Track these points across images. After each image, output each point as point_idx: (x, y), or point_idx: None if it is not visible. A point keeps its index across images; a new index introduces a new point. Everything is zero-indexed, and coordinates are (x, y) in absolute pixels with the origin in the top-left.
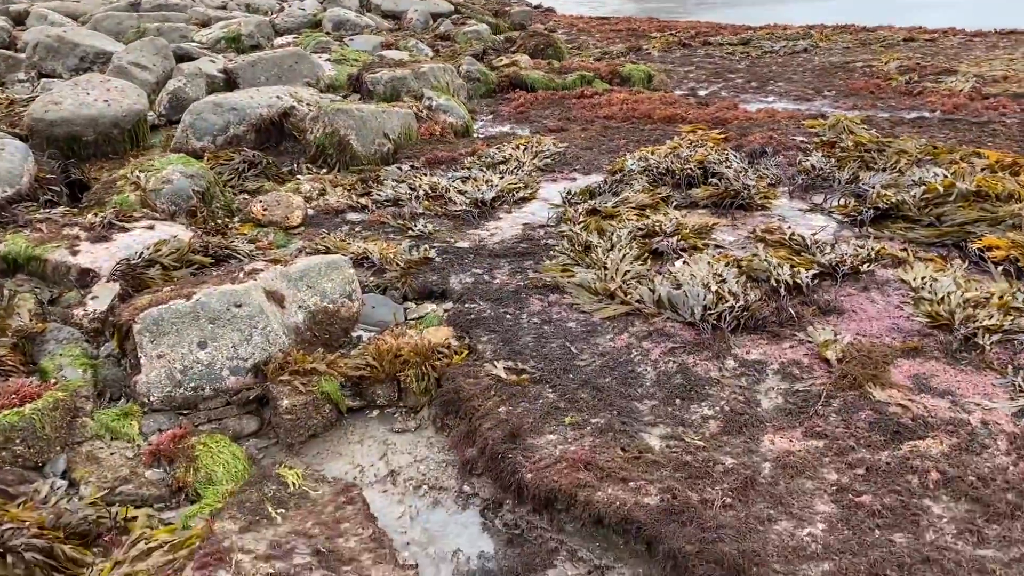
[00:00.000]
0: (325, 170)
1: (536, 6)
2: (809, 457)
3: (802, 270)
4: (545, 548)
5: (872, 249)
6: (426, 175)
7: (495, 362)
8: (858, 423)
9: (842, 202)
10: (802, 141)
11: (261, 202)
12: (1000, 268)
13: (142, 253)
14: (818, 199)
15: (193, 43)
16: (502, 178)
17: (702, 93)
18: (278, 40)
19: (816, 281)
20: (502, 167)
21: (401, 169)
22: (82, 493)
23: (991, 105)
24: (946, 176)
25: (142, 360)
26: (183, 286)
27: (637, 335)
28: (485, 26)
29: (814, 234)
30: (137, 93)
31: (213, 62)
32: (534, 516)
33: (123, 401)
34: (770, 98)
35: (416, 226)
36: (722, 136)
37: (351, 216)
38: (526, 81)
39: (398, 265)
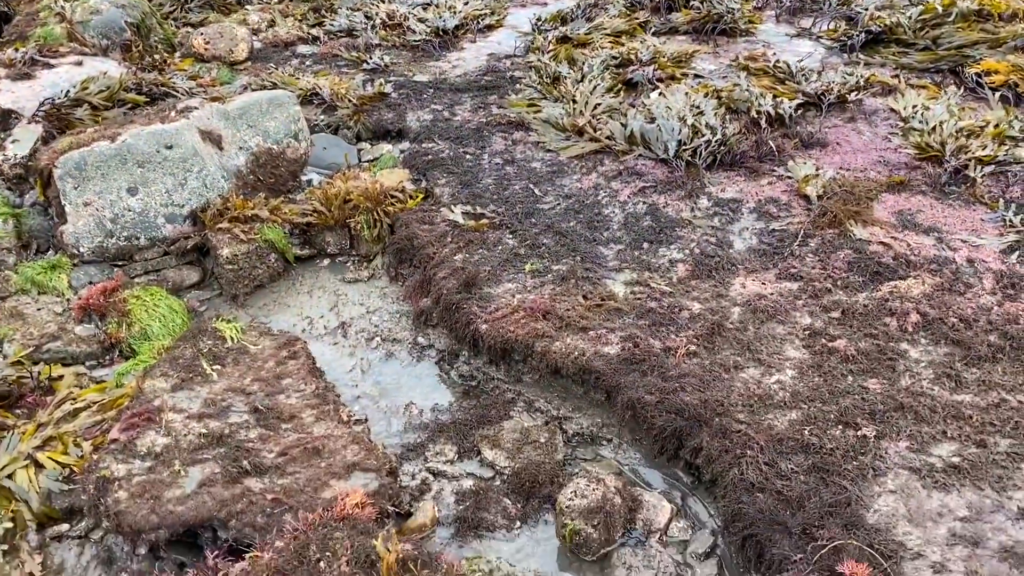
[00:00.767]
0: None
1: None
2: (781, 300)
3: (785, 100)
4: (502, 399)
5: (861, 76)
6: (384, 2)
7: (452, 206)
8: (836, 264)
9: (832, 26)
10: None
11: (203, 35)
12: (998, 95)
13: (68, 92)
14: (806, 23)
15: None
16: (466, 3)
17: None
18: None
19: (800, 112)
20: None
21: None
22: (6, 352)
23: None
24: None
25: (67, 208)
26: (108, 127)
27: (606, 175)
28: None
29: (800, 61)
30: None
31: None
32: (490, 367)
33: (51, 253)
34: None
35: (372, 58)
36: None
37: (302, 49)
38: None
39: (351, 102)
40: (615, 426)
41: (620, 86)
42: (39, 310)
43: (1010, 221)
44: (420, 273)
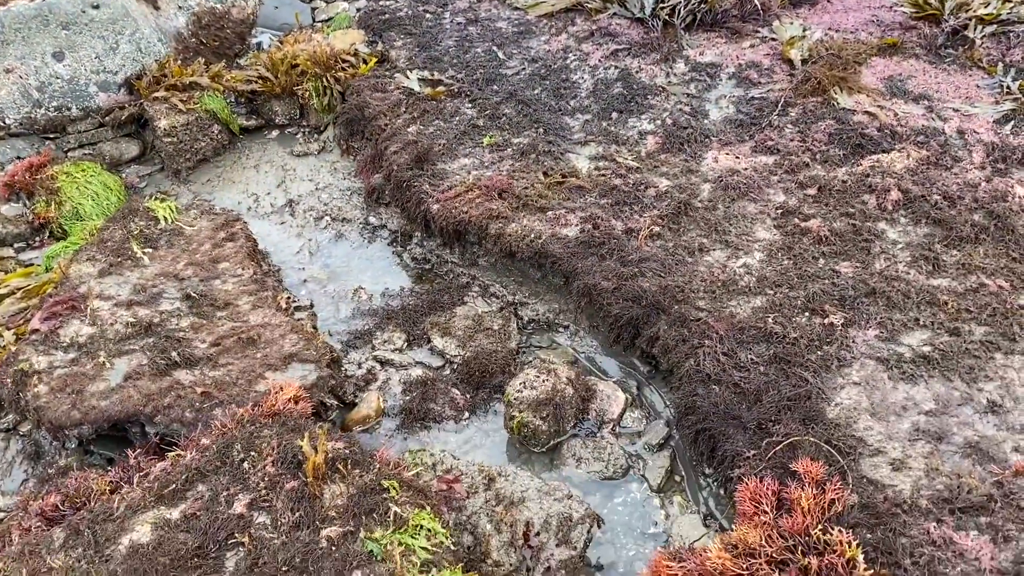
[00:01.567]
0: None
1: None
2: (755, 176)
3: None
4: (456, 284)
5: None
6: None
7: (408, 72)
8: (816, 135)
9: None
10: None
11: None
12: None
13: None
14: None
15: None
16: None
17: None
18: None
19: None
20: None
21: None
22: None
23: None
24: None
25: None
26: None
27: (577, 36)
28: None
29: None
30: None
31: None
32: (444, 250)
33: None
34: None
35: None
36: None
37: None
38: None
39: None
40: (572, 312)
41: None
42: None
43: (1007, 88)
44: (372, 146)
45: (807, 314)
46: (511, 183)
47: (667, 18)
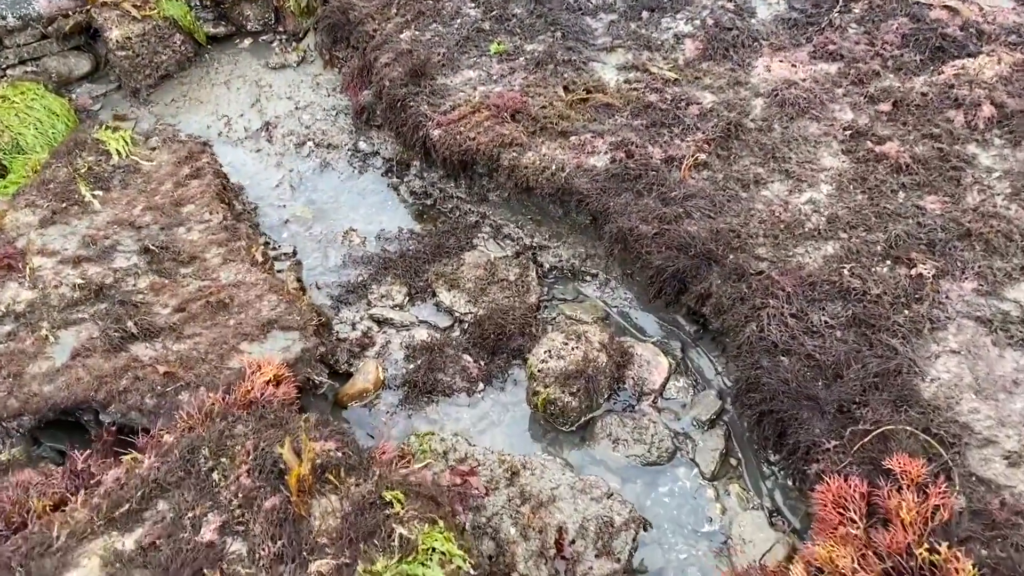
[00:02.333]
0: None
1: None
2: (816, 89)
3: None
4: (463, 224)
5: None
6: None
7: None
8: (887, 37)
9: None
10: None
11: None
12: None
13: None
14: None
15: None
16: None
17: None
18: None
19: None
20: None
21: None
22: None
23: None
24: None
25: None
26: None
27: None
28: None
29: None
30: None
31: None
32: (448, 183)
33: None
34: None
35: None
36: None
37: None
38: None
39: None
40: (602, 259)
41: None
42: None
43: None
44: (359, 57)
45: (889, 263)
46: (525, 101)
47: None
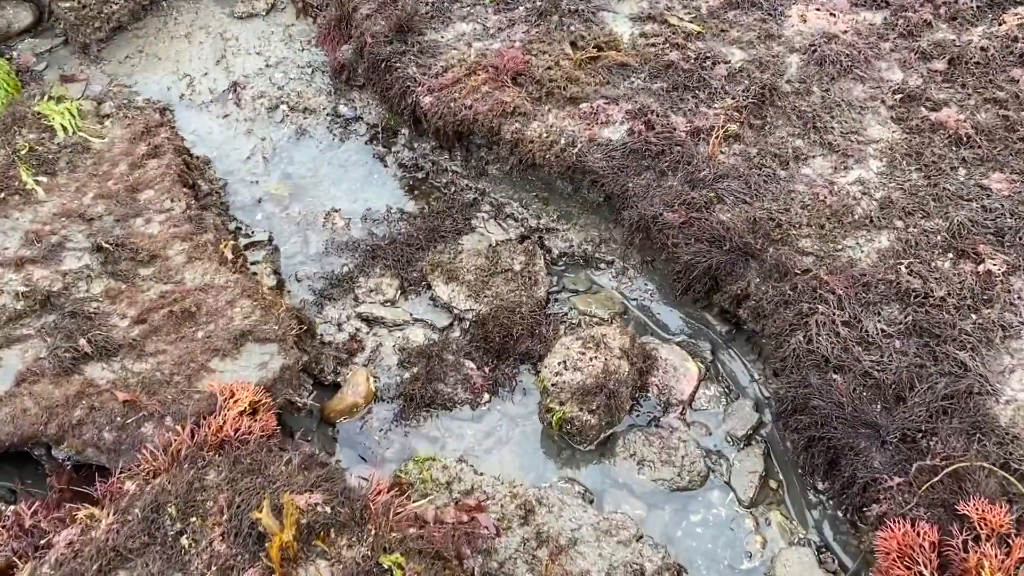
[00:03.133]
0: None
1: None
2: (859, 43)
3: None
4: (460, 202)
5: None
6: None
7: None
8: None
9: None
10: None
11: None
12: None
13: None
14: None
15: None
16: None
17: None
18: None
19: None
20: None
21: None
22: None
23: None
24: None
25: None
26: None
27: None
28: None
29: None
30: None
31: None
32: (442, 155)
33: None
34: None
35: None
36: None
37: None
38: None
39: None
40: (618, 243)
41: None
42: None
43: None
44: (336, 5)
45: (951, 257)
46: (528, 61)
47: None
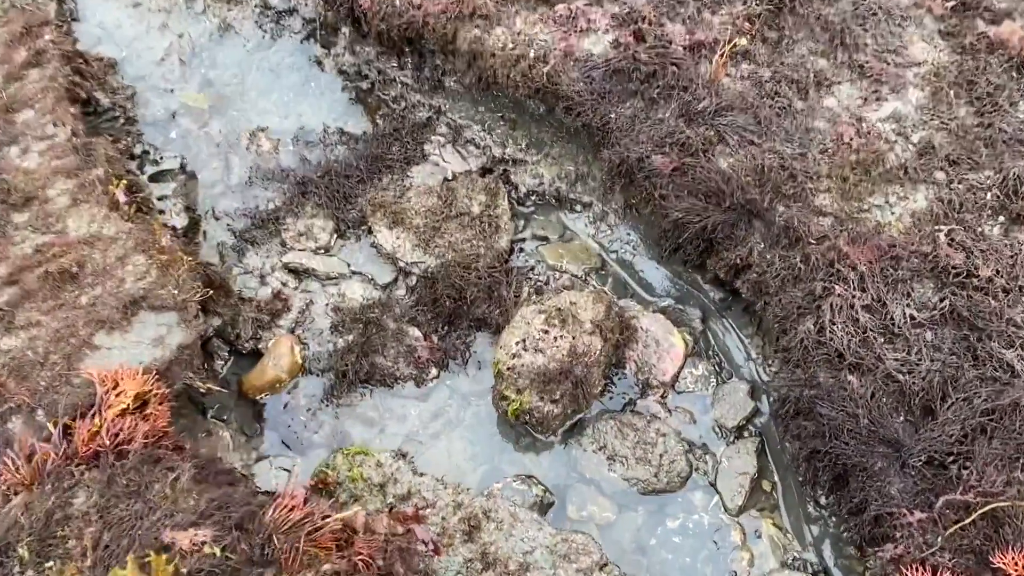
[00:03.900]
0: None
1: None
2: None
3: None
4: (411, 122)
5: None
6: None
7: None
8: None
9: None
10: None
11: None
12: None
13: None
14: None
15: None
16: None
17: None
18: None
19: None
20: None
21: None
22: None
23: None
24: None
25: None
26: None
27: None
28: None
29: None
30: None
31: None
32: (389, 62)
33: None
34: None
35: None
36: None
37: None
38: None
39: None
40: (597, 181)
41: None
42: None
43: None
44: None
45: (1002, 222)
46: None
47: None
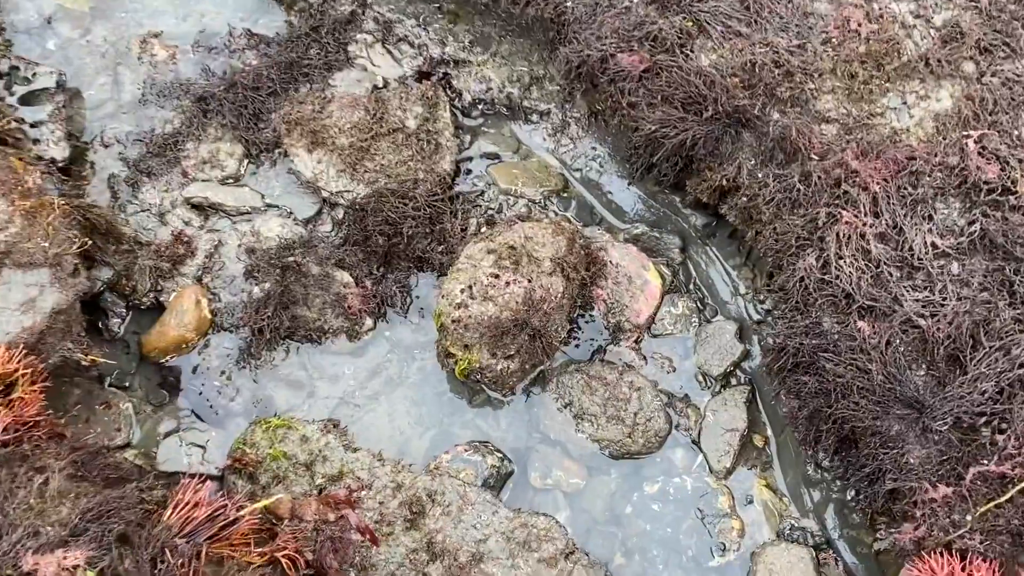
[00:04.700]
0: None
1: None
2: None
3: None
4: (332, 17)
5: None
6: None
7: None
8: None
9: None
10: None
11: None
12: None
13: None
14: None
15: None
16: None
17: None
18: None
19: None
20: None
21: None
22: None
23: None
24: None
25: None
26: None
27: None
28: None
29: None
30: None
31: None
32: None
33: None
34: None
35: None
36: None
37: None
38: None
39: None
40: (557, 88)
41: None
42: None
43: None
44: None
45: None
46: None
47: None
